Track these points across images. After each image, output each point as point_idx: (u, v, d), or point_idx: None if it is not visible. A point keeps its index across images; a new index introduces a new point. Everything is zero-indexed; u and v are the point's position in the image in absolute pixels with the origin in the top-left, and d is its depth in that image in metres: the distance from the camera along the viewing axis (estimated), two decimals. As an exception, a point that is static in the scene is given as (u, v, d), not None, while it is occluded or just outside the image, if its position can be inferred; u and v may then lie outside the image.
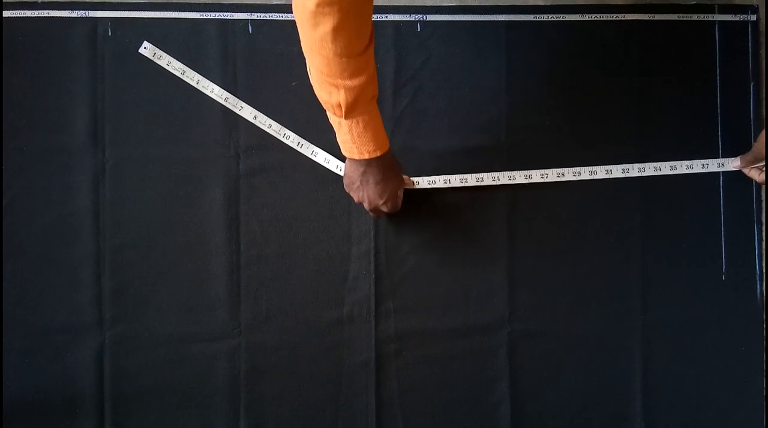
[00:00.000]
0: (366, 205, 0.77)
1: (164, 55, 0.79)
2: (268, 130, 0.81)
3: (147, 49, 0.81)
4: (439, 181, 0.83)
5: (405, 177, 0.81)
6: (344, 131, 0.69)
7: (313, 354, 0.84)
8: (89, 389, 0.83)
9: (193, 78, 0.80)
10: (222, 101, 0.81)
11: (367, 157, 0.71)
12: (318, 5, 0.56)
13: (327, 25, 0.57)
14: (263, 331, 0.84)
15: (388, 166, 0.74)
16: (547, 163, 0.85)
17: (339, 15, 0.56)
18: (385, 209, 0.77)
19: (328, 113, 0.69)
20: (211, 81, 0.83)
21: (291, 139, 0.82)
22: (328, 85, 0.63)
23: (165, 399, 0.83)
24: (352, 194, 0.77)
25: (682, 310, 0.86)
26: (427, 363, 0.85)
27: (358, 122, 0.68)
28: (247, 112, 0.81)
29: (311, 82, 0.66)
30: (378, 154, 0.71)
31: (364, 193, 0.75)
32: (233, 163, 0.84)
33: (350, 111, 0.66)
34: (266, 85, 0.84)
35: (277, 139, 0.83)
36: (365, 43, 0.62)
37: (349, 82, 0.63)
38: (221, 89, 0.82)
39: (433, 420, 0.85)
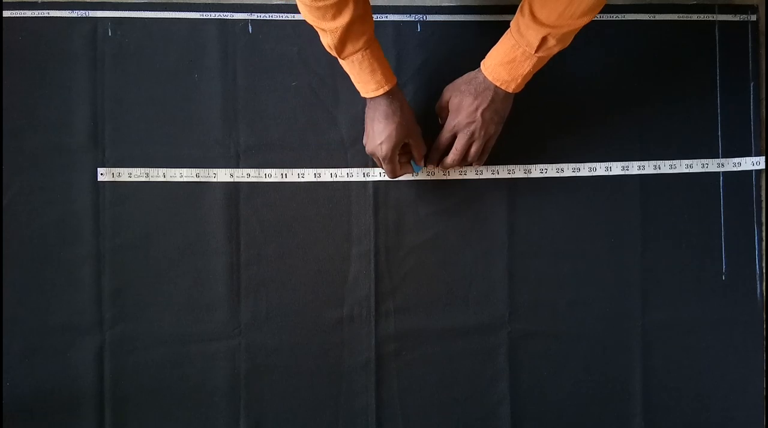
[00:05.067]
0: (367, 148, 0.74)
1: (123, 170, 0.82)
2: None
3: (104, 175, 0.82)
4: (437, 173, 0.84)
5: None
6: (348, 70, 0.69)
7: (313, 354, 0.84)
8: (89, 389, 0.83)
9: (158, 174, 0.83)
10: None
11: (371, 95, 0.70)
12: None
13: None
14: (263, 331, 0.84)
15: (393, 107, 0.70)
16: (546, 161, 0.85)
17: None
18: (380, 152, 0.72)
19: None
20: (210, 81, 0.83)
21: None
22: (317, 29, 0.64)
23: (165, 399, 0.83)
24: (366, 140, 0.74)
25: (682, 310, 0.86)
26: (427, 363, 0.85)
27: (353, 62, 0.67)
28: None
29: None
30: (380, 92, 0.69)
31: (367, 133, 0.72)
32: (233, 163, 0.84)
33: (341, 51, 0.65)
34: (266, 85, 0.84)
35: (278, 141, 0.84)
36: None
37: (331, 24, 0.62)
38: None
39: (433, 420, 0.85)
